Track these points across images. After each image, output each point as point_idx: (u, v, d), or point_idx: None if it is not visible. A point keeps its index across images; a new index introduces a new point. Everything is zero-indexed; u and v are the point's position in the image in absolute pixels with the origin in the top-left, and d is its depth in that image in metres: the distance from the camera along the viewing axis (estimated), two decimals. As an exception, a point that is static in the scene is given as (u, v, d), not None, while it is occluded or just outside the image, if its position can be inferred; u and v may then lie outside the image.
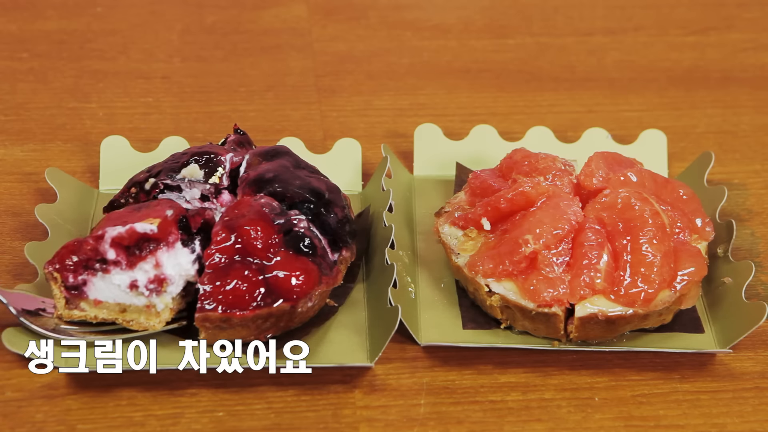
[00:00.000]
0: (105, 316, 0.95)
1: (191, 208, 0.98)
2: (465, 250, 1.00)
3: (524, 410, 0.93)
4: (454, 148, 1.15)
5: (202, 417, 0.91)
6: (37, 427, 0.90)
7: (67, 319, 0.95)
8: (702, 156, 1.13)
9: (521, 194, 0.99)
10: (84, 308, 0.95)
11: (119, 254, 0.93)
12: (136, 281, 0.94)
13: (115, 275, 0.94)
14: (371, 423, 0.91)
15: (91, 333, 0.95)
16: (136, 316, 0.95)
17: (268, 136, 1.17)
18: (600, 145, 1.14)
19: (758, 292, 1.03)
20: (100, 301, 0.95)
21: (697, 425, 0.92)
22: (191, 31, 1.34)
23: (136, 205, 0.98)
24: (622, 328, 0.96)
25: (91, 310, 0.95)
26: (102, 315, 0.95)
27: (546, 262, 0.96)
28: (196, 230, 0.96)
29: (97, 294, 0.94)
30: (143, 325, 0.95)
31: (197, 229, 0.96)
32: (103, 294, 0.94)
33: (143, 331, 0.95)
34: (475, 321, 0.99)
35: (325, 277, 0.95)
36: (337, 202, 1.00)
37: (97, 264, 0.93)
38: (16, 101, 1.22)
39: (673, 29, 1.38)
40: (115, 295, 0.94)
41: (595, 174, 1.01)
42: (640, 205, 0.97)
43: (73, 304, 0.95)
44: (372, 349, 0.95)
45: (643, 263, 0.95)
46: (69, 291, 0.94)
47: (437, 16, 1.39)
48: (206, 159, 1.01)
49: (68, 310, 0.95)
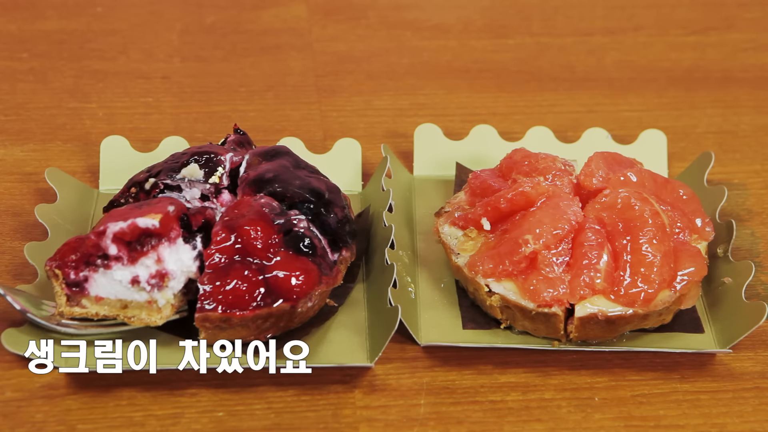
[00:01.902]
0: (106, 312, 0.95)
1: (192, 207, 0.98)
2: (465, 250, 1.00)
3: (524, 410, 0.93)
4: (454, 148, 1.15)
5: (202, 417, 0.91)
6: (37, 427, 0.90)
7: (68, 317, 0.95)
8: (702, 156, 1.13)
9: (521, 194, 0.99)
10: (85, 305, 0.95)
11: (121, 249, 0.93)
12: (137, 276, 0.94)
13: (116, 271, 0.94)
14: (371, 423, 0.91)
15: (93, 326, 0.95)
16: (137, 312, 0.95)
17: (268, 136, 1.17)
18: (600, 145, 1.14)
19: (758, 292, 1.03)
20: (101, 297, 0.94)
21: (697, 425, 0.92)
22: (191, 31, 1.34)
23: (137, 203, 0.98)
24: (622, 328, 0.96)
25: (92, 306, 0.95)
26: (103, 311, 0.95)
27: (546, 262, 0.96)
28: (197, 228, 0.96)
29: (99, 290, 0.94)
30: (145, 321, 0.95)
31: (198, 227, 0.96)
32: (104, 290, 0.94)
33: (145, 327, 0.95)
34: (475, 321, 0.99)
35: (325, 277, 0.95)
36: (337, 202, 1.00)
37: (99, 260, 0.93)
38: (16, 101, 1.22)
39: (673, 29, 1.38)
40: (116, 291, 0.94)
41: (595, 174, 1.01)
42: (640, 205, 0.97)
43: (74, 300, 0.95)
44: (372, 349, 0.95)
45: (643, 263, 0.95)
46: (70, 288, 0.94)
47: (437, 16, 1.39)
48: (206, 159, 1.01)
49: (69, 307, 0.95)
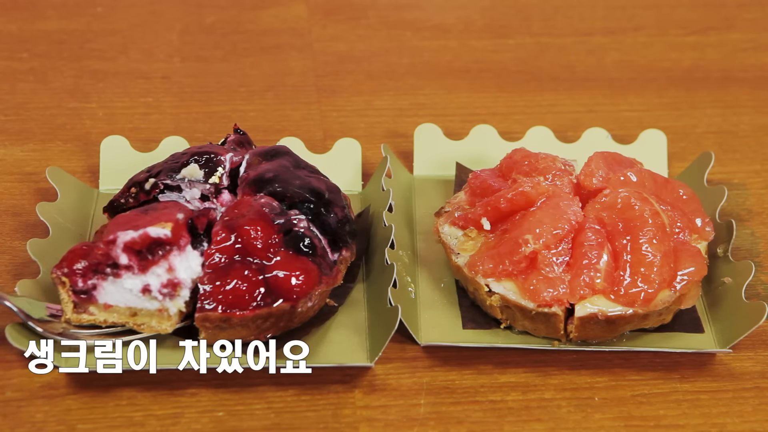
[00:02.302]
0: (115, 320, 0.94)
1: (195, 209, 0.97)
2: (465, 250, 1.00)
3: (524, 410, 0.93)
4: (454, 148, 1.15)
5: (202, 417, 0.91)
6: (37, 427, 0.90)
7: (75, 324, 0.94)
8: (702, 156, 1.13)
9: (521, 194, 0.98)
10: (93, 312, 0.94)
11: (131, 258, 0.92)
12: (148, 285, 0.93)
13: (126, 279, 0.92)
14: (371, 423, 0.91)
15: (99, 336, 0.94)
16: (147, 320, 0.94)
17: (268, 136, 1.17)
18: (600, 145, 1.14)
19: (758, 292, 1.03)
20: (110, 305, 0.93)
21: (697, 425, 0.92)
22: (191, 31, 1.34)
23: (142, 208, 0.97)
24: (622, 328, 0.96)
25: (100, 314, 0.94)
26: (112, 319, 0.94)
27: (546, 262, 0.96)
28: (203, 232, 0.95)
29: (108, 298, 0.93)
30: (155, 329, 0.94)
31: (204, 230, 0.95)
32: (113, 298, 0.93)
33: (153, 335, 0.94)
34: (475, 321, 0.99)
35: (325, 277, 0.95)
36: (337, 202, 1.00)
37: (108, 268, 0.92)
38: (16, 101, 1.22)
39: (673, 29, 1.38)
40: (126, 300, 0.93)
41: (595, 174, 1.01)
42: (640, 205, 0.97)
43: (82, 308, 0.94)
44: (372, 349, 0.95)
45: (643, 263, 0.95)
46: (78, 295, 0.93)
47: (437, 16, 1.39)
48: (206, 159, 1.01)
49: (77, 314, 0.94)
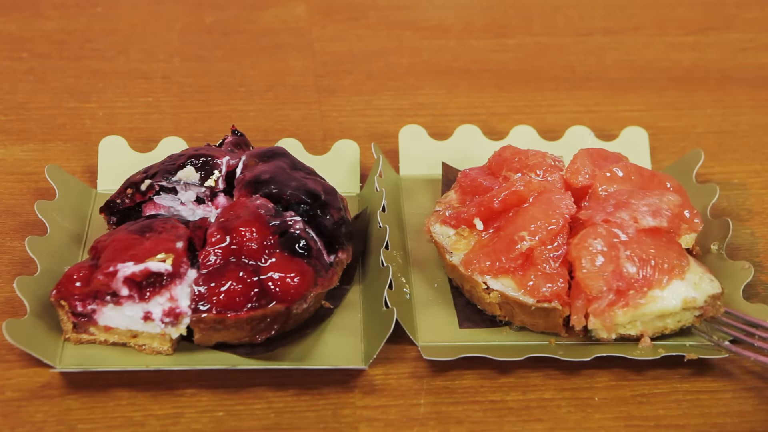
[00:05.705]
0: (115, 340, 0.94)
1: (191, 222, 0.97)
2: (458, 249, 0.99)
3: (524, 410, 0.93)
4: (438, 147, 1.14)
5: (202, 417, 0.91)
6: (37, 427, 0.90)
7: (75, 342, 0.94)
8: (690, 153, 1.12)
9: (514, 194, 0.98)
10: (93, 333, 0.94)
11: (132, 290, 0.92)
12: (150, 313, 0.92)
13: (127, 307, 0.92)
14: (371, 423, 0.91)
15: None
16: (148, 341, 0.93)
17: (268, 136, 1.17)
18: (583, 142, 1.14)
19: (758, 292, 1.03)
20: (110, 327, 0.93)
21: (697, 425, 0.92)
22: (191, 31, 1.34)
23: (138, 227, 0.95)
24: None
25: (100, 334, 0.94)
26: (112, 339, 0.94)
27: (543, 258, 0.95)
28: (201, 245, 0.95)
29: (108, 321, 0.93)
30: (156, 350, 0.93)
31: (201, 244, 0.95)
32: (114, 321, 0.93)
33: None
34: (471, 320, 0.99)
35: (320, 278, 0.94)
36: (333, 203, 0.99)
37: (108, 296, 0.92)
38: (16, 101, 1.22)
39: (673, 29, 1.38)
40: (127, 323, 0.93)
41: (580, 171, 1.01)
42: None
43: (82, 328, 0.93)
44: (367, 352, 0.95)
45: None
46: (77, 317, 0.93)
47: (437, 16, 1.39)
48: (202, 161, 1.00)
49: (76, 334, 0.94)
